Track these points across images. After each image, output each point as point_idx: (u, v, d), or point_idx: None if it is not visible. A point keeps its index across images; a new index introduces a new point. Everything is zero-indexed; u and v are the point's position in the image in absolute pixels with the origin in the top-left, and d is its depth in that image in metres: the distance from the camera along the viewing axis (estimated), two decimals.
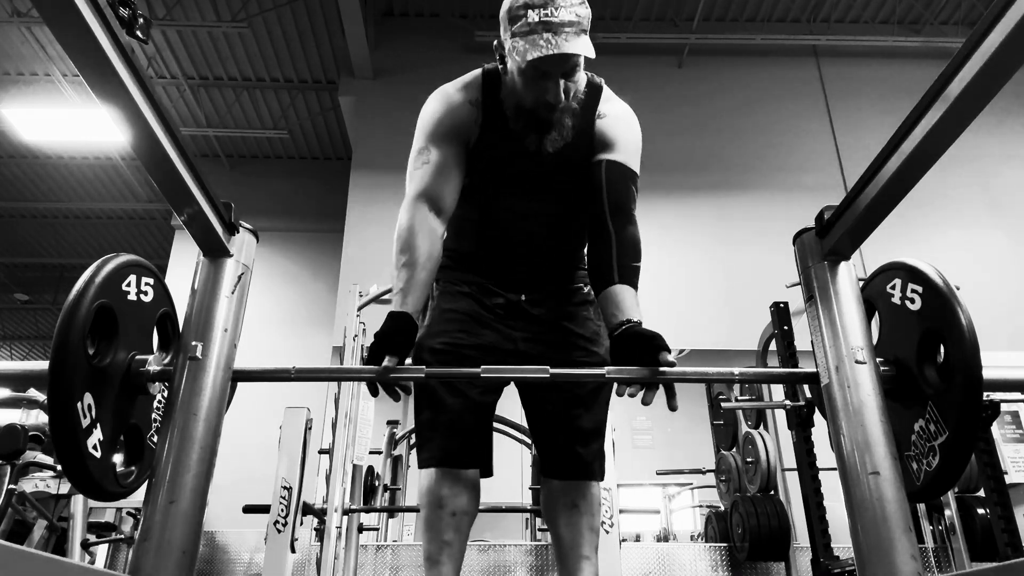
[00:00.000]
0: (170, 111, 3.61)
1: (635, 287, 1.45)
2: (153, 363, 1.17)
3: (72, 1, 0.84)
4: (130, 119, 1.00)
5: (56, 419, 0.99)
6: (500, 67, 1.53)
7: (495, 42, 1.52)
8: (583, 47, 1.37)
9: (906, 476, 1.14)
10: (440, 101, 1.56)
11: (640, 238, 1.50)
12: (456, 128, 1.53)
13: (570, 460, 1.60)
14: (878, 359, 1.19)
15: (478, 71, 1.58)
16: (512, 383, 1.57)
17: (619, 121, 1.57)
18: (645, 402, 1.27)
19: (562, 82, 1.41)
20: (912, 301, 1.16)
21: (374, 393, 1.30)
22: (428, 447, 1.56)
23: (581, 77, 1.48)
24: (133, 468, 1.17)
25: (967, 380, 1.06)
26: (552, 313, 1.63)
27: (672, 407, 1.29)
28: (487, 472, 1.61)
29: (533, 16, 1.37)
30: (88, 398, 1.03)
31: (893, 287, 1.21)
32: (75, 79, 7.42)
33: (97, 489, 1.07)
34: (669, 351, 1.26)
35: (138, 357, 1.16)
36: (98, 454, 1.05)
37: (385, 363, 1.25)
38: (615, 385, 1.29)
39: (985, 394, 1.13)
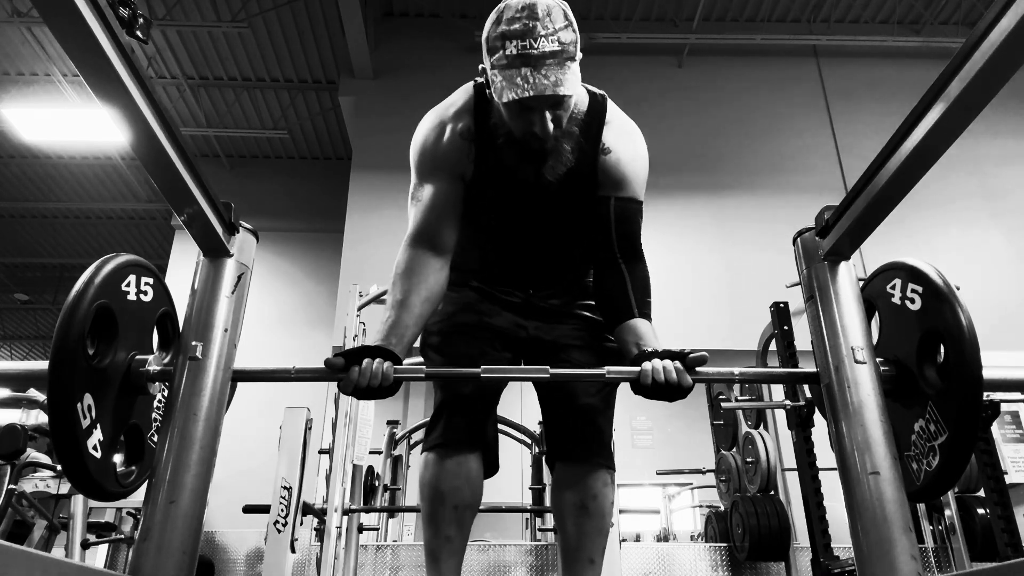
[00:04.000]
0: (170, 111, 3.61)
1: (651, 321, 1.43)
2: (153, 363, 1.17)
3: (72, 1, 0.84)
4: (130, 119, 1.00)
5: (56, 421, 0.99)
6: (488, 92, 1.44)
7: (480, 66, 1.44)
8: (567, 81, 1.28)
9: (906, 476, 1.14)
10: (431, 133, 1.50)
11: (649, 276, 1.49)
12: (449, 165, 1.48)
13: (571, 438, 1.54)
14: (878, 359, 1.19)
15: (470, 88, 1.51)
16: (521, 358, 1.57)
17: (626, 154, 1.49)
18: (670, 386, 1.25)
19: (549, 113, 1.32)
20: (912, 301, 1.16)
21: (347, 391, 1.24)
22: (435, 429, 1.51)
23: (573, 102, 1.39)
24: (134, 468, 1.17)
25: (967, 381, 1.06)
26: (564, 304, 1.62)
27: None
28: (493, 468, 1.56)
29: (511, 48, 1.27)
30: (88, 399, 1.03)
31: (893, 287, 1.21)
32: (75, 79, 7.42)
33: (97, 489, 1.07)
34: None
35: (138, 357, 1.16)
36: (98, 455, 1.05)
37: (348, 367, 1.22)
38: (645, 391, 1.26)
39: (985, 394, 1.13)
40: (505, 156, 1.43)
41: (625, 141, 1.50)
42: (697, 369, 1.25)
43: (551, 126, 1.33)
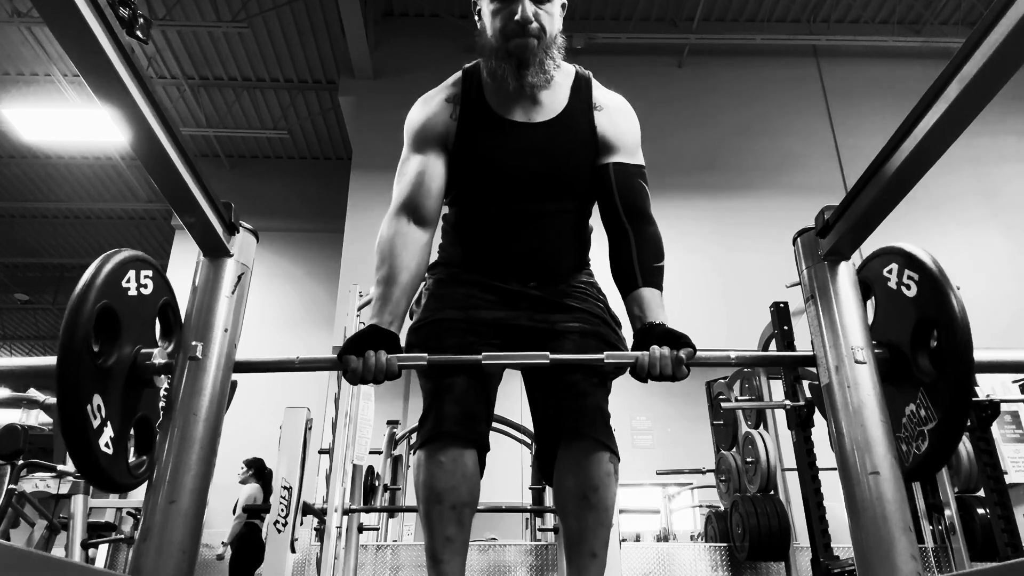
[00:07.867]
0: (170, 111, 3.61)
1: (660, 288, 1.45)
2: (158, 356, 1.17)
3: (72, 1, 0.84)
4: (130, 119, 1.00)
5: (67, 424, 1.00)
6: (476, 18, 1.53)
7: None
8: None
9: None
10: (419, 107, 1.57)
11: (660, 237, 1.51)
12: (435, 133, 1.52)
13: (569, 414, 1.48)
14: (873, 341, 1.20)
15: (459, 72, 1.59)
16: (513, 348, 1.54)
17: (618, 116, 1.56)
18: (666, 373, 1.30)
19: (531, 5, 1.42)
20: (908, 287, 1.17)
21: (353, 382, 1.31)
22: (425, 423, 1.47)
23: (555, 12, 1.48)
24: (144, 457, 1.18)
25: (959, 371, 1.07)
26: (561, 294, 1.58)
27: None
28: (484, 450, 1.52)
29: None
30: (97, 399, 1.04)
31: (890, 271, 1.22)
32: (75, 79, 7.42)
33: (111, 483, 1.09)
34: (693, 347, 1.30)
35: (143, 351, 1.16)
36: (110, 451, 1.06)
37: (354, 361, 1.28)
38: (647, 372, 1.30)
39: (985, 394, 1.13)
40: (488, 75, 1.50)
41: (615, 101, 1.59)
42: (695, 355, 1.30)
43: (532, 16, 1.42)
